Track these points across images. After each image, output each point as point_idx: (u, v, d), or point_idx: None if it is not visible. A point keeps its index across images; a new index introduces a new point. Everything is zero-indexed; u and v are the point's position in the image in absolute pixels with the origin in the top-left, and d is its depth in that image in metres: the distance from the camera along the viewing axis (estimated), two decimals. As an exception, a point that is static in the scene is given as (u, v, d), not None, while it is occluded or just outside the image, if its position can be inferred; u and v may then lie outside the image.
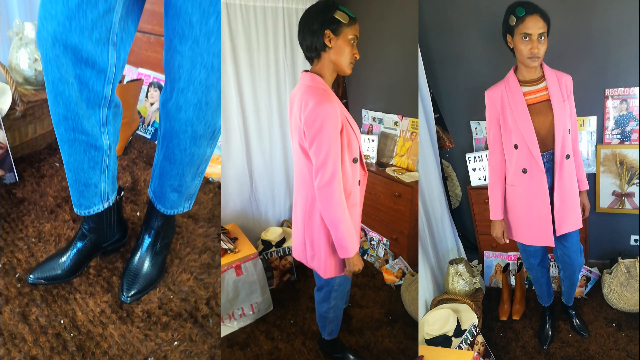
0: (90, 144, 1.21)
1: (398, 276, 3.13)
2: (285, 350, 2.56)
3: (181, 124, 1.22)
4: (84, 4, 0.96)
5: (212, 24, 1.09)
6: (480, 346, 2.47)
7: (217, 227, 1.95)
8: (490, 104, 2.28)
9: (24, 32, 1.85)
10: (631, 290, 2.78)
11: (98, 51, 1.04)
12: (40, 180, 1.98)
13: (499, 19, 3.02)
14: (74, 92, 1.09)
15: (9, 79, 1.83)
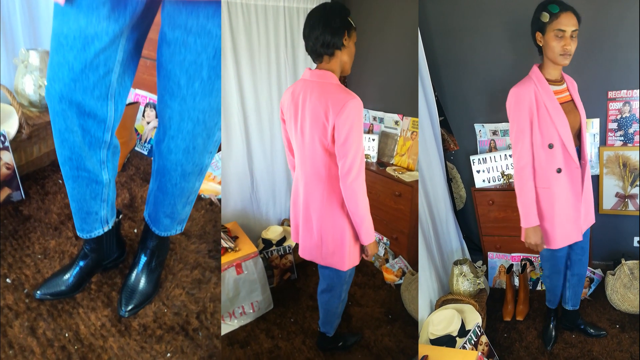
0: (92, 179, 1.34)
1: (398, 275, 3.14)
2: (285, 348, 2.57)
3: (172, 164, 1.39)
4: (87, 68, 1.09)
5: (197, 87, 1.22)
6: (484, 346, 2.48)
7: (207, 243, 2.05)
8: (520, 102, 2.13)
9: (29, 60, 2.00)
10: (634, 291, 2.79)
11: (99, 105, 1.18)
12: (45, 197, 2.09)
13: (503, 22, 3.05)
14: (78, 138, 1.22)
15: (16, 104, 1.98)
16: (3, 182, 1.98)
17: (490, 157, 3.19)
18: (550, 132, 2.10)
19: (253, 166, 3.43)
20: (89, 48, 1.06)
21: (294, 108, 1.97)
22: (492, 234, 3.25)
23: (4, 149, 1.94)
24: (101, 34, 1.05)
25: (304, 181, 2.03)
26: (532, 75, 2.16)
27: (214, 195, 2.14)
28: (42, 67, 2.06)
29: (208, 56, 1.20)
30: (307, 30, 1.87)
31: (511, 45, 3.06)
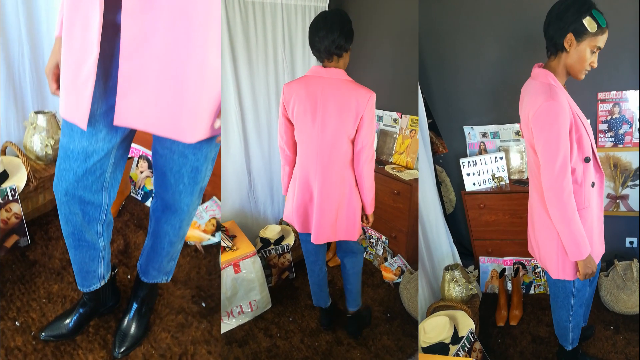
0: (90, 247, 1.60)
1: (397, 274, 3.12)
2: (283, 347, 2.56)
3: (163, 233, 1.72)
4: (87, 172, 1.38)
5: (181, 187, 1.53)
6: (478, 353, 2.46)
7: (191, 289, 2.26)
8: (564, 114, 1.81)
9: (37, 123, 2.33)
10: (628, 292, 2.80)
11: (96, 196, 1.46)
12: (49, 242, 2.32)
13: (493, 23, 3.06)
14: (79, 219, 1.50)
15: (25, 160, 2.28)
16: (12, 230, 2.21)
17: (480, 159, 3.18)
18: (586, 144, 1.92)
19: (251, 165, 3.41)
20: (89, 160, 1.36)
21: (311, 102, 2.13)
22: (483, 238, 3.24)
23: (13, 200, 2.20)
24: (98, 150, 1.35)
25: (320, 170, 2.20)
26: (552, 82, 1.90)
27: (198, 242, 2.35)
28: (48, 128, 2.36)
29: (187, 170, 1.49)
30: (324, 32, 2.06)
31: (501, 47, 3.07)
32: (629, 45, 2.73)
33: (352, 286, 2.63)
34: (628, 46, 2.73)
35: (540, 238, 2.07)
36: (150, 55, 1.07)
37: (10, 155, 2.37)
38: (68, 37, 1.18)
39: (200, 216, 2.43)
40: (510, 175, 3.23)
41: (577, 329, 2.30)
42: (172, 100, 1.13)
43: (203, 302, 2.25)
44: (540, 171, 1.90)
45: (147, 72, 1.09)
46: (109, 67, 1.20)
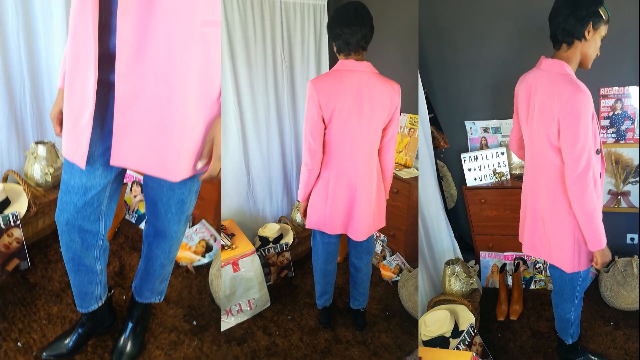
0: (88, 271, 1.74)
1: (395, 272, 3.12)
2: (282, 345, 2.56)
3: (155, 259, 1.86)
4: (86, 205, 1.54)
5: (169, 216, 1.69)
6: (478, 347, 2.47)
7: (183, 308, 2.35)
8: (592, 106, 1.84)
9: (37, 152, 2.50)
10: (628, 288, 2.82)
11: (93, 225, 1.61)
12: (48, 265, 2.42)
13: (495, 19, 3.07)
14: (78, 245, 1.64)
15: (26, 187, 2.42)
16: (13, 254, 2.33)
17: (481, 154, 3.19)
18: (597, 137, 1.94)
19: (249, 163, 3.40)
20: (87, 194, 1.52)
21: (354, 97, 2.13)
22: (484, 233, 3.25)
23: (15, 226, 2.33)
24: (96, 186, 1.51)
25: (362, 165, 2.23)
26: (570, 73, 1.92)
27: (189, 263, 2.47)
28: (48, 157, 2.52)
29: (174, 201, 1.65)
30: (357, 26, 2.09)
31: (503, 42, 3.06)
32: (632, 40, 2.72)
33: (365, 287, 2.66)
34: (631, 41, 2.72)
35: (553, 235, 2.07)
36: (139, 109, 1.25)
37: (11, 183, 2.53)
38: (69, 91, 1.37)
39: (190, 238, 2.52)
40: (511, 171, 3.23)
41: (577, 322, 2.33)
42: (159, 146, 1.30)
43: (194, 321, 2.34)
44: (563, 165, 1.91)
45: (138, 123, 1.27)
46: (104, 116, 1.39)
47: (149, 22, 1.15)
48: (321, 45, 3.56)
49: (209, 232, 2.53)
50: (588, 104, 1.81)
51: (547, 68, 1.98)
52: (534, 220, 2.15)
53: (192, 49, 1.19)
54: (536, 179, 2.10)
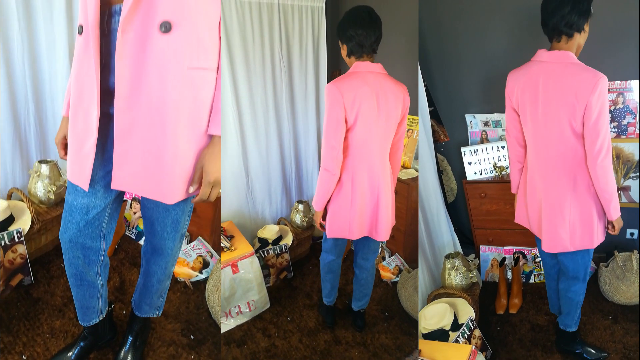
0: (90, 285, 1.82)
1: (394, 273, 3.13)
2: (282, 347, 2.56)
3: (152, 274, 1.95)
4: (88, 223, 1.64)
5: (165, 234, 1.79)
6: (477, 340, 2.49)
7: (181, 322, 2.43)
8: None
9: (40, 171, 2.61)
10: (627, 283, 2.84)
11: (95, 243, 1.71)
12: (50, 281, 2.49)
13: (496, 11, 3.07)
14: (81, 262, 1.73)
15: (29, 205, 2.52)
16: (17, 269, 2.41)
17: (481, 148, 3.18)
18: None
19: (248, 164, 3.38)
20: (89, 213, 1.63)
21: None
22: (484, 227, 3.26)
23: (19, 242, 2.40)
24: (97, 206, 1.62)
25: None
26: (578, 61, 2.01)
27: (187, 279, 2.54)
28: (51, 175, 2.63)
29: (169, 221, 1.76)
30: (372, 29, 2.12)
31: (504, 35, 3.04)
32: (633, 34, 2.70)
33: (370, 288, 2.65)
34: (632, 36, 2.70)
35: (578, 219, 2.11)
36: (137, 139, 1.39)
37: (15, 200, 2.63)
38: (73, 121, 1.52)
39: (188, 254, 2.58)
40: (511, 165, 3.25)
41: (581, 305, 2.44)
42: (154, 172, 1.44)
43: (192, 335, 2.38)
44: (583, 150, 2.01)
45: (135, 151, 1.41)
46: (105, 144, 1.53)
47: (143, 65, 1.30)
48: (319, 47, 3.54)
49: (205, 248, 2.61)
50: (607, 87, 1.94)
51: (554, 60, 2.02)
52: (553, 212, 2.14)
53: (181, 89, 1.33)
54: (549, 170, 2.11)
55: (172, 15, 1.25)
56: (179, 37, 1.28)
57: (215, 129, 1.46)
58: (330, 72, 3.74)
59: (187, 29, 1.30)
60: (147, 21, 1.26)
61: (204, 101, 1.40)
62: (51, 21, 2.61)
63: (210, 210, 2.58)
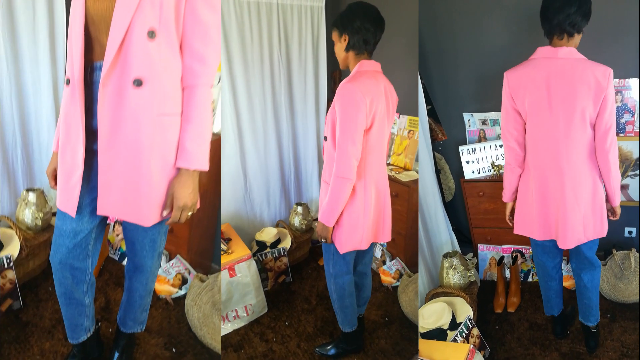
0: (78, 303, 1.94)
1: (395, 277, 3.10)
2: (279, 352, 2.55)
3: (134, 291, 2.08)
4: (76, 246, 1.79)
5: (144, 253, 1.94)
6: (475, 339, 2.48)
7: (163, 337, 2.52)
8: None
9: (28, 199, 2.76)
10: (625, 281, 2.84)
11: (82, 263, 1.85)
12: (39, 304, 2.59)
13: (492, 10, 3.07)
14: (69, 281, 1.87)
15: (18, 231, 2.64)
16: (6, 295, 2.50)
17: (479, 147, 3.18)
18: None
19: (246, 166, 3.37)
20: (77, 237, 1.77)
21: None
22: (482, 225, 3.25)
23: (8, 268, 2.50)
24: (84, 230, 1.77)
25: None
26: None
27: (168, 296, 2.64)
28: (38, 202, 2.78)
29: (147, 240, 1.91)
30: (381, 28, 2.08)
31: (502, 33, 3.02)
32: (632, 32, 2.69)
33: (370, 292, 2.58)
34: (631, 34, 2.69)
35: (592, 208, 2.18)
36: (117, 172, 1.60)
37: (4, 227, 2.75)
38: (62, 156, 1.71)
39: (168, 272, 2.67)
40: (509, 163, 3.25)
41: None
42: (133, 199, 1.64)
43: (174, 348, 2.44)
44: (593, 139, 2.11)
45: (116, 182, 1.62)
46: (89, 175, 1.70)
47: (121, 112, 1.54)
48: (319, 47, 3.52)
49: (183, 266, 2.70)
50: None
51: (564, 55, 2.06)
52: (571, 206, 2.15)
53: (152, 131, 1.56)
54: (564, 165, 2.13)
55: (142, 73, 1.48)
56: (149, 90, 1.51)
57: (181, 163, 1.64)
58: (330, 72, 3.74)
59: (155, 84, 1.52)
60: (123, 77, 1.50)
61: (172, 140, 1.61)
62: (36, 62, 2.87)
63: (185, 230, 2.70)
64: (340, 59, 2.18)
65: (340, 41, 2.12)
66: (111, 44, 1.46)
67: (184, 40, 1.56)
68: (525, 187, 2.30)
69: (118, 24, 1.45)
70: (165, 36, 1.50)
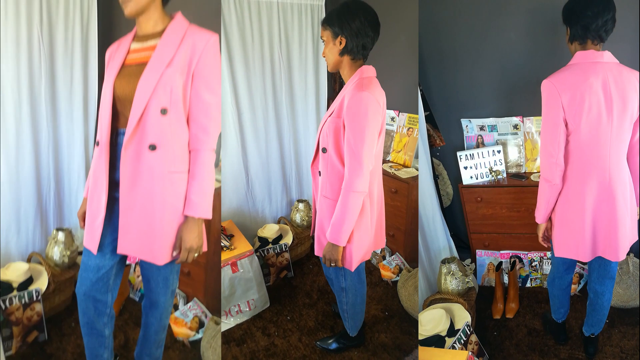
0: (99, 334, 2.10)
1: (395, 272, 3.12)
2: (281, 346, 2.57)
3: (150, 326, 2.24)
4: (99, 280, 1.98)
5: (157, 289, 2.12)
6: (474, 345, 2.47)
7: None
8: None
9: (57, 237, 2.98)
10: (624, 286, 2.85)
11: (103, 296, 2.02)
12: (62, 338, 2.72)
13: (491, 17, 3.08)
14: (92, 312, 2.04)
15: (47, 267, 2.83)
16: (33, 326, 2.65)
17: (477, 153, 3.19)
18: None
19: (248, 163, 3.39)
20: (100, 271, 1.97)
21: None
22: (480, 231, 3.26)
23: (37, 301, 2.66)
24: (106, 265, 1.98)
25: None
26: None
27: (185, 339, 2.70)
28: (66, 241, 2.98)
29: (161, 278, 2.09)
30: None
31: (501, 39, 3.06)
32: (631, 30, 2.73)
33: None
34: (631, 31, 2.73)
35: (632, 217, 2.16)
36: (135, 216, 1.85)
37: (34, 263, 2.98)
38: (90, 202, 1.97)
39: (185, 315, 2.75)
40: (507, 169, 3.24)
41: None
42: (148, 240, 1.88)
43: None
44: (633, 141, 2.13)
45: (134, 225, 1.87)
46: (111, 218, 1.93)
47: (138, 169, 1.83)
48: (319, 45, 3.54)
49: (200, 309, 2.75)
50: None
51: (609, 60, 2.06)
52: (620, 215, 2.11)
53: (164, 185, 1.84)
54: (612, 172, 2.08)
55: (156, 140, 1.79)
56: (161, 153, 1.81)
57: (188, 212, 1.88)
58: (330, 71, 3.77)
59: (167, 148, 1.82)
60: (141, 143, 1.81)
61: (180, 193, 1.88)
62: (71, 120, 3.22)
63: (202, 274, 2.78)
64: (331, 62, 2.10)
65: (335, 43, 2.04)
66: (132, 118, 1.79)
67: (190, 115, 1.86)
68: (566, 205, 2.15)
69: (138, 103, 1.78)
70: (174, 112, 1.81)
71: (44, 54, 3.01)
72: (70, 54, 3.15)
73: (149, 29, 1.88)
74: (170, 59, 1.81)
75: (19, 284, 2.71)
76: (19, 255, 3.08)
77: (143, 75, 1.80)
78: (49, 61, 3.05)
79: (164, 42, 1.84)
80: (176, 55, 1.81)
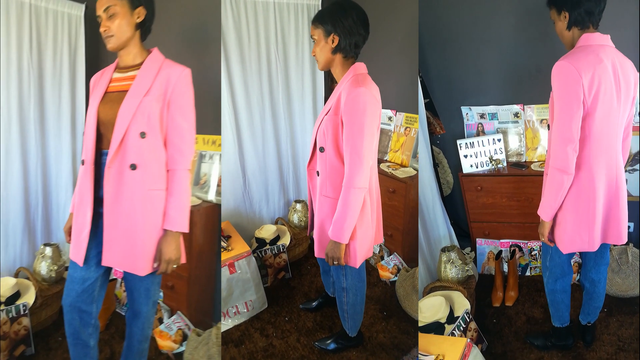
0: (84, 345, 2.17)
1: (393, 272, 3.12)
2: (279, 347, 2.59)
3: (133, 336, 2.30)
4: (84, 291, 2.07)
5: (140, 300, 2.19)
6: (473, 332, 2.50)
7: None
8: None
9: (45, 252, 3.05)
10: (622, 276, 2.86)
11: (88, 307, 2.11)
12: (49, 352, 2.75)
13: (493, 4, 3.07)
14: (77, 323, 2.11)
15: (34, 282, 2.88)
16: (20, 340, 2.70)
17: (478, 141, 3.18)
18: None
19: (245, 164, 3.39)
20: (85, 283, 2.07)
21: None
22: (480, 220, 3.27)
23: (24, 315, 2.71)
24: (91, 277, 2.07)
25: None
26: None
27: (170, 351, 2.72)
28: (53, 256, 3.05)
29: (143, 289, 2.17)
30: (368, 31, 2.07)
31: (501, 26, 3.04)
32: (631, 26, 2.71)
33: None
34: (631, 28, 2.71)
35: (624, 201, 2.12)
36: (118, 231, 1.98)
37: (22, 278, 3.03)
38: (75, 217, 2.08)
39: (170, 328, 2.78)
40: (508, 158, 3.24)
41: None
42: (131, 253, 2.00)
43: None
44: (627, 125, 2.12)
45: (118, 239, 1.99)
46: (96, 232, 2.03)
47: (121, 187, 1.95)
48: (316, 44, 3.55)
49: (184, 322, 2.79)
50: None
51: (612, 43, 2.04)
52: (623, 197, 2.10)
53: (144, 202, 1.97)
54: (617, 157, 2.07)
55: (136, 160, 1.93)
56: (141, 172, 1.94)
57: (166, 226, 2.00)
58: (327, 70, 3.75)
59: (146, 168, 1.95)
60: (122, 162, 1.95)
61: (159, 208, 2.00)
62: (59, 138, 3.33)
63: (184, 287, 2.81)
64: (322, 60, 2.10)
65: (327, 42, 2.04)
66: (114, 140, 1.93)
67: (167, 138, 2.01)
68: (577, 196, 2.04)
69: (119, 127, 1.93)
70: (153, 135, 1.95)
71: (33, 77, 3.12)
72: (58, 77, 3.27)
73: (129, 61, 2.05)
74: (147, 88, 1.97)
75: (6, 298, 2.79)
76: (6, 270, 3.15)
77: (124, 102, 1.96)
78: (37, 83, 3.17)
79: (142, 73, 2.01)
80: (153, 85, 1.97)
